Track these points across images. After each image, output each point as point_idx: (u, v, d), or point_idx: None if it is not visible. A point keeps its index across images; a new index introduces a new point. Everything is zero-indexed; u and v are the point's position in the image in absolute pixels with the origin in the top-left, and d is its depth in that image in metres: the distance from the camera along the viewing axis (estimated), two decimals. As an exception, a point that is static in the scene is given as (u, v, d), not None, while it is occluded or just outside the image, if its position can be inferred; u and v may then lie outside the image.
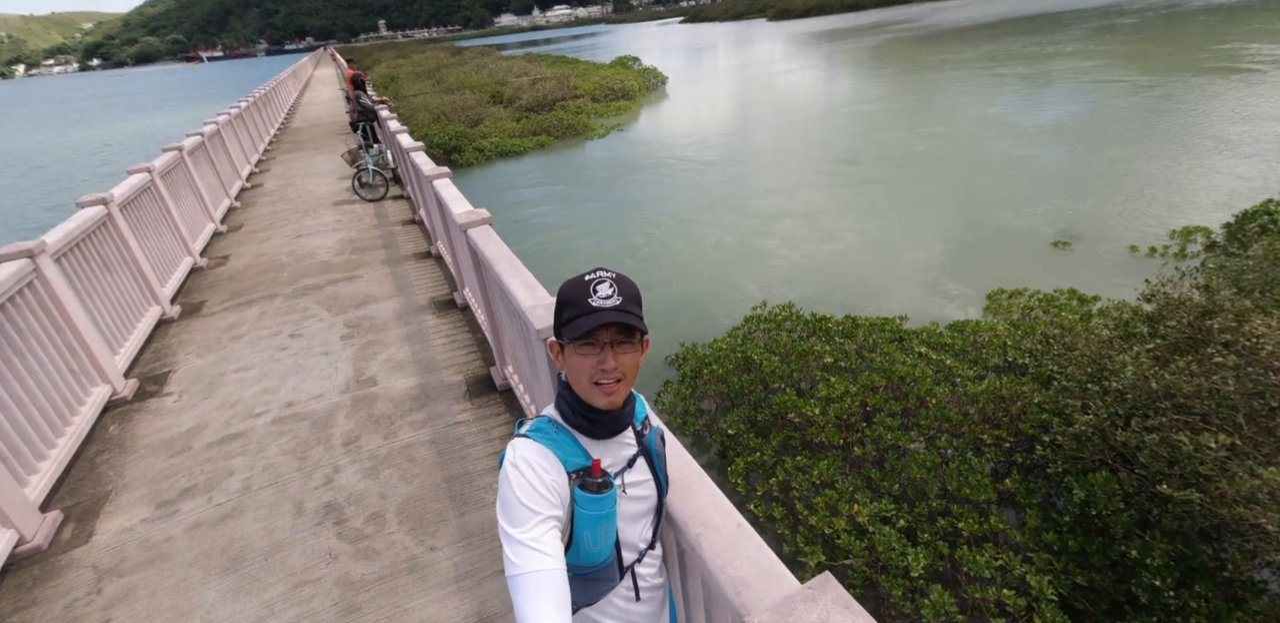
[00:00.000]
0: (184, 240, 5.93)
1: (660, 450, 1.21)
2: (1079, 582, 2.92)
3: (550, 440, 1.05)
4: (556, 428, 1.09)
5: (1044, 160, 11.28)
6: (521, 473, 0.98)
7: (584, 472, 1.04)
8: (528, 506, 0.96)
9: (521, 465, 0.99)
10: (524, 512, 0.95)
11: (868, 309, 6.79)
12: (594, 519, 1.03)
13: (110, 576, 2.44)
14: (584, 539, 1.04)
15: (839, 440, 3.98)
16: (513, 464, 1.00)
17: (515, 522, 0.95)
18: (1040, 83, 18.03)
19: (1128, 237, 7.86)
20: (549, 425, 1.09)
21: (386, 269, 5.42)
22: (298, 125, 15.91)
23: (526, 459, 1.00)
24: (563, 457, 1.03)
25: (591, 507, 1.02)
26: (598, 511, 1.03)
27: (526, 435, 1.06)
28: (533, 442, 1.04)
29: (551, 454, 1.03)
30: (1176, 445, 2.76)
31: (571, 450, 1.06)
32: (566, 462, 1.03)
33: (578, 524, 1.03)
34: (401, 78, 27.47)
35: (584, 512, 1.02)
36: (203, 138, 7.53)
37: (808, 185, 11.43)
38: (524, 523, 0.95)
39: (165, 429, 3.41)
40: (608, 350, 1.03)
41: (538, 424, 1.09)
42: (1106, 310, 4.90)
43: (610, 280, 1.03)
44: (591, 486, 1.02)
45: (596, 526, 1.04)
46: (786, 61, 31.12)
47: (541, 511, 0.96)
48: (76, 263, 3.88)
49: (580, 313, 1.02)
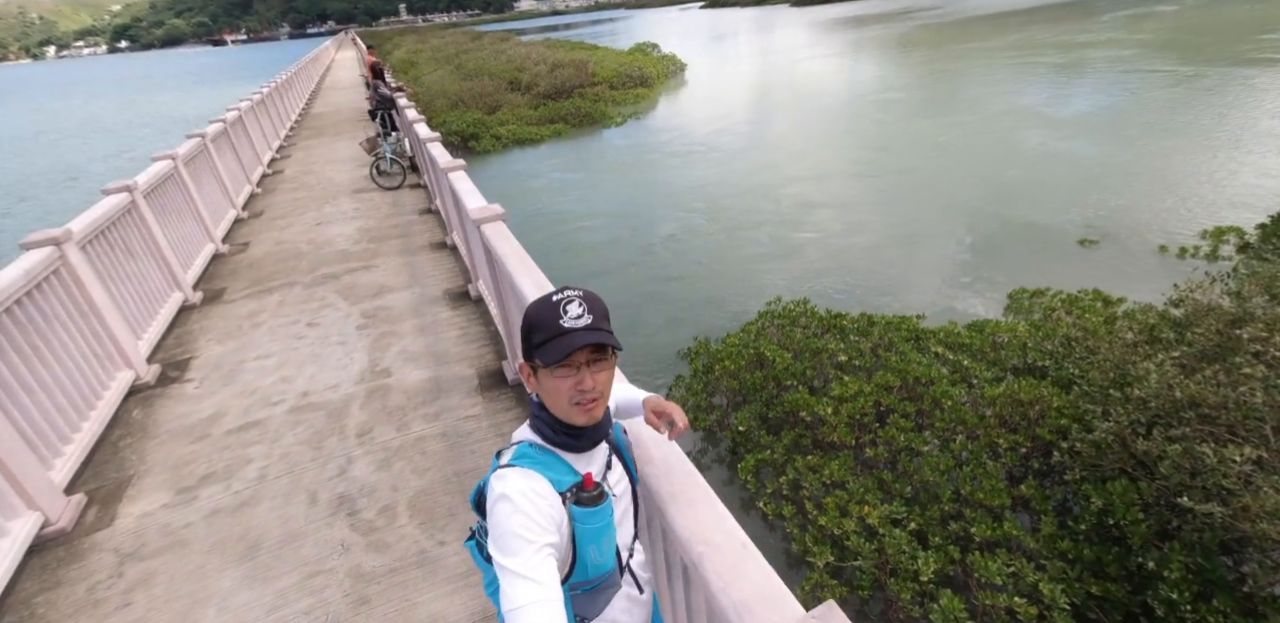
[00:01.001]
0: (206, 227, 6.01)
1: (626, 442, 1.23)
2: (1093, 592, 2.88)
3: (538, 464, 1.04)
4: (540, 451, 1.07)
5: (1074, 153, 10.98)
6: (514, 504, 0.96)
7: (577, 488, 1.03)
8: (522, 535, 0.94)
9: (514, 496, 0.97)
10: (518, 541, 0.93)
11: (886, 304, 6.71)
12: (596, 532, 1.03)
13: (131, 560, 2.50)
14: (589, 554, 1.04)
15: (851, 440, 3.95)
16: (503, 497, 0.98)
17: (510, 552, 0.93)
18: (1072, 72, 17.49)
19: (1157, 235, 7.64)
20: (532, 450, 1.07)
21: (402, 259, 5.45)
22: (319, 111, 16.00)
23: (518, 489, 0.98)
24: (553, 478, 1.02)
25: (591, 520, 1.02)
26: (598, 523, 1.03)
27: (511, 465, 1.04)
28: (520, 470, 1.02)
29: (542, 479, 1.01)
30: (1200, 457, 2.69)
31: (560, 470, 1.05)
32: (558, 483, 1.02)
33: (580, 541, 1.03)
34: (421, 63, 27.46)
35: (584, 527, 1.02)
36: (225, 124, 7.59)
37: (831, 176, 11.26)
38: (519, 553, 0.93)
39: (186, 415, 3.48)
40: (584, 371, 1.02)
41: (521, 451, 1.07)
42: (1131, 313, 4.78)
43: (579, 299, 1.02)
44: (588, 500, 1.02)
45: (599, 537, 1.04)
46: (810, 48, 30.53)
47: (536, 539, 0.94)
48: (101, 250, 3.95)
49: (553, 335, 1.00)
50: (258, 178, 8.72)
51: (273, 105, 11.62)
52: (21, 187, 18.19)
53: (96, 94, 41.52)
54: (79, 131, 27.64)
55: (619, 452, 1.19)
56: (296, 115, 14.72)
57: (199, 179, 6.22)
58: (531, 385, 1.08)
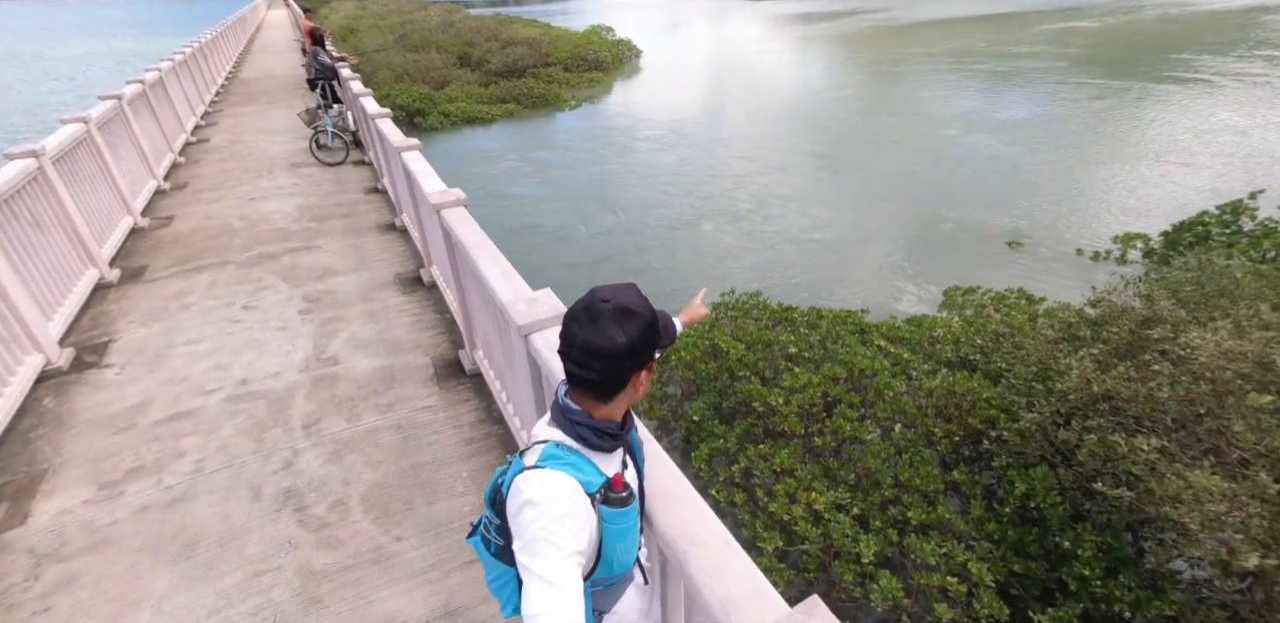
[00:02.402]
0: (124, 198, 5.52)
1: (639, 440, 1.25)
2: (1015, 569, 3.12)
3: (567, 466, 1.02)
4: (567, 451, 1.06)
5: (1008, 158, 11.62)
6: (545, 508, 0.95)
7: (606, 489, 1.03)
8: (553, 541, 0.93)
9: (545, 500, 0.96)
10: (548, 547, 0.93)
11: (833, 296, 6.95)
12: (623, 532, 1.04)
13: (49, 560, 2.32)
14: (615, 552, 1.05)
15: (801, 430, 4.10)
16: (532, 501, 0.96)
17: (539, 555, 0.93)
18: (1008, 81, 18.43)
19: (1076, 239, 8.23)
20: (559, 450, 1.05)
21: (348, 241, 5.19)
22: (249, 75, 14.88)
23: (550, 494, 0.97)
24: (584, 480, 1.02)
25: (619, 520, 1.03)
26: (625, 523, 1.04)
27: (540, 466, 1.02)
28: (549, 471, 1.00)
29: (574, 482, 1.00)
30: (1112, 446, 2.94)
31: (589, 471, 1.05)
32: (588, 484, 1.02)
33: (607, 540, 1.03)
34: (362, 31, 25.92)
35: (613, 527, 1.03)
36: (144, 86, 6.96)
37: (782, 170, 11.47)
38: (548, 557, 0.92)
39: (107, 404, 3.22)
40: None
41: (549, 452, 1.05)
42: (1052, 312, 5.15)
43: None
44: (617, 501, 1.02)
45: (625, 537, 1.05)
46: (762, 42, 30.80)
47: (565, 546, 0.93)
48: (4, 220, 3.57)
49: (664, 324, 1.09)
50: (180, 146, 8.06)
51: (197, 67, 10.72)
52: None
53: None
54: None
55: (631, 450, 1.20)
56: (224, 79, 13.65)
57: (115, 145, 5.69)
58: (638, 389, 1.06)
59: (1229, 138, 11.81)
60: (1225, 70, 17.31)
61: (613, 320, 0.98)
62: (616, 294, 1.01)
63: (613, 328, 0.97)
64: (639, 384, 1.05)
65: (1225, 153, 11.09)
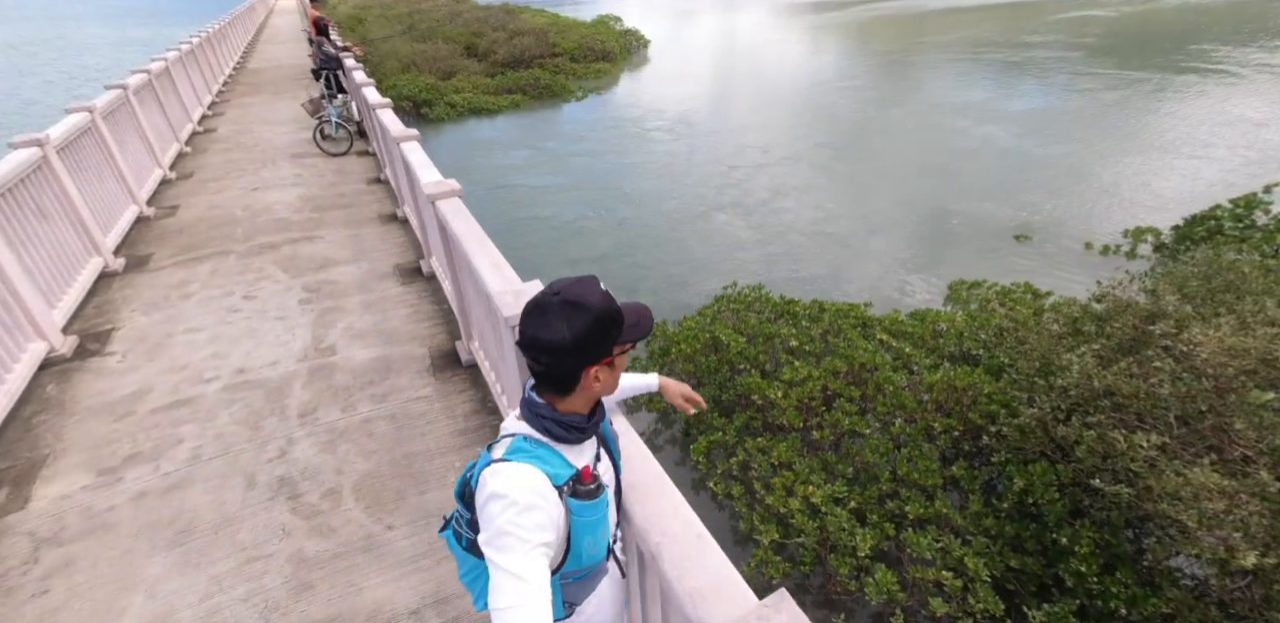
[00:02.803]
0: (129, 187, 5.56)
1: (613, 433, 1.24)
2: (1012, 565, 3.11)
3: (535, 458, 1.02)
4: (535, 444, 1.05)
5: (1019, 149, 11.46)
6: (511, 501, 0.94)
7: (574, 481, 1.03)
8: (517, 535, 0.92)
9: (511, 493, 0.95)
10: (513, 541, 0.92)
11: (836, 289, 6.90)
12: (592, 524, 1.04)
13: (48, 544, 2.35)
14: (585, 545, 1.05)
15: (799, 423, 4.08)
16: (498, 494, 0.95)
17: (504, 549, 0.92)
18: (1020, 71, 18.12)
19: (1084, 233, 8.12)
20: (526, 443, 1.05)
21: (349, 231, 5.20)
22: (256, 65, 14.90)
23: (515, 486, 0.96)
24: (551, 472, 1.01)
25: (588, 513, 1.02)
26: (594, 515, 1.03)
27: (508, 459, 1.01)
28: (517, 465, 0.99)
29: (540, 474, 0.99)
30: (1112, 443, 2.91)
31: (556, 464, 1.04)
32: (556, 476, 1.02)
33: (576, 533, 1.03)
34: (369, 21, 25.85)
35: (581, 519, 1.02)
36: (150, 76, 6.98)
37: (790, 161, 11.37)
38: (513, 551, 0.92)
39: (108, 391, 3.26)
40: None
41: (516, 445, 1.04)
42: (1058, 306, 5.08)
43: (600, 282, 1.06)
44: (585, 493, 1.02)
45: (595, 529, 1.05)
46: (771, 32, 30.45)
47: (532, 538, 0.93)
48: (8, 209, 3.60)
49: (625, 319, 1.04)
50: (186, 136, 8.09)
51: (204, 57, 10.74)
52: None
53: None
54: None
55: (605, 443, 1.19)
56: (231, 69, 13.67)
57: (120, 135, 5.71)
58: (599, 385, 1.04)
59: (1246, 130, 11.57)
60: (1246, 61, 16.92)
61: (559, 314, 0.96)
62: (570, 287, 0.99)
63: (557, 321, 0.96)
64: (593, 379, 1.03)
65: (1242, 146, 10.86)
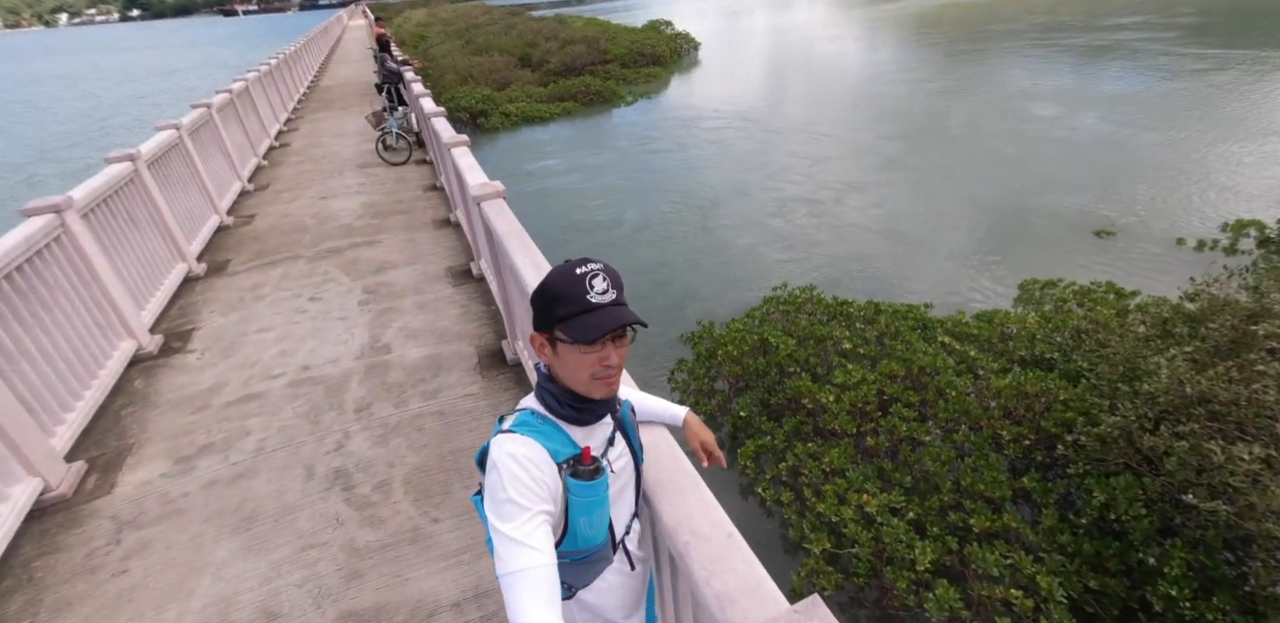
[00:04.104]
0: (211, 198, 5.98)
1: (633, 421, 1.22)
2: (1091, 586, 2.86)
3: (538, 433, 1.03)
4: (541, 420, 1.06)
5: (1098, 140, 10.71)
6: (510, 469, 0.96)
7: (574, 460, 1.03)
8: (517, 502, 0.94)
9: (509, 461, 0.97)
10: (513, 508, 0.94)
11: (896, 291, 6.62)
12: (589, 505, 1.03)
13: (129, 527, 2.52)
14: (580, 526, 1.04)
15: (852, 429, 3.92)
16: (500, 462, 0.97)
17: (505, 518, 0.93)
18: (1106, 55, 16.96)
19: (1176, 228, 7.47)
20: (533, 418, 1.06)
21: (406, 235, 5.40)
22: (327, 83, 15.81)
23: (513, 455, 0.98)
24: (552, 448, 1.01)
25: (585, 493, 1.02)
26: (591, 497, 1.02)
27: (512, 431, 1.03)
28: (519, 436, 1.01)
29: (540, 448, 1.00)
30: (1207, 454, 2.63)
31: (560, 441, 1.04)
32: (556, 453, 1.02)
33: (573, 512, 1.03)
34: (431, 37, 27.03)
35: (578, 500, 1.02)
36: (231, 95, 7.50)
37: (846, 158, 11.05)
38: (514, 518, 0.93)
39: (187, 386, 3.49)
40: (609, 346, 1.02)
41: (521, 418, 1.06)
42: (1145, 306, 4.68)
43: (602, 273, 1.00)
44: (583, 473, 1.01)
45: (592, 511, 1.04)
46: (826, 27, 29.78)
47: (531, 506, 0.94)
48: (103, 219, 3.93)
49: (580, 310, 0.98)
50: (264, 150, 8.65)
51: (281, 77, 11.48)
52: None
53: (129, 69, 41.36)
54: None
55: (624, 430, 1.18)
56: (305, 87, 14.56)
57: (204, 150, 6.16)
58: (545, 357, 1.06)
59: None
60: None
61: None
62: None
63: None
64: (538, 345, 1.07)
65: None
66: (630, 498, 1.19)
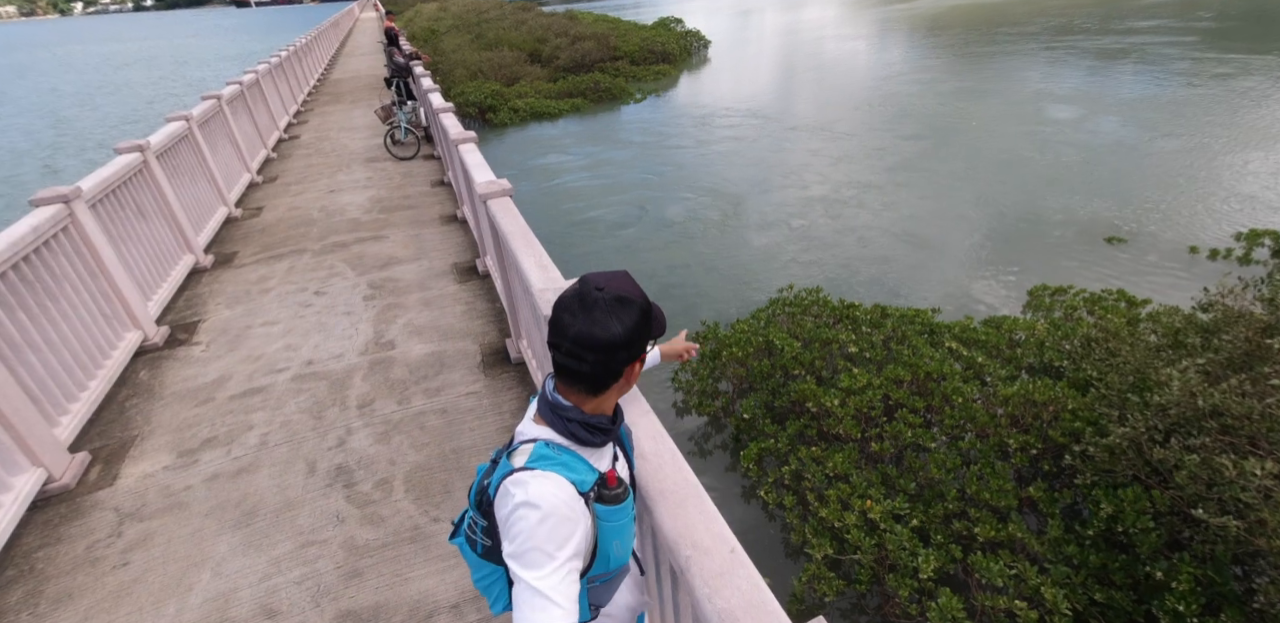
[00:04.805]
0: (220, 190, 5.98)
1: (626, 430, 1.23)
2: (1097, 598, 2.82)
3: (559, 466, 0.97)
4: (558, 450, 1.01)
5: (1111, 146, 10.59)
6: (540, 514, 0.90)
7: (599, 485, 1.00)
8: (545, 550, 0.89)
9: (540, 505, 0.90)
10: (541, 557, 0.88)
11: (905, 294, 6.57)
12: (619, 528, 1.01)
13: (131, 520, 2.52)
14: (612, 548, 1.02)
15: (857, 433, 3.89)
16: (527, 505, 0.90)
17: (531, 565, 0.88)
18: (1122, 59, 16.77)
19: (1189, 235, 7.38)
20: (549, 450, 1.00)
21: (412, 231, 5.39)
22: (338, 77, 15.82)
23: (544, 497, 0.91)
24: (576, 480, 0.97)
25: (615, 518, 0.99)
26: (621, 519, 1.00)
27: (531, 467, 0.96)
28: (542, 474, 0.94)
29: (567, 484, 0.95)
30: (1218, 468, 2.59)
31: (581, 470, 1.00)
32: (581, 483, 0.98)
33: (604, 538, 1.00)
34: (442, 32, 26.99)
35: (609, 524, 0.99)
36: (241, 87, 7.51)
37: (860, 159, 10.97)
38: (540, 567, 0.88)
39: (192, 378, 3.49)
40: None
41: (539, 452, 0.99)
42: (1156, 315, 4.62)
43: None
44: (611, 498, 0.99)
45: (623, 533, 1.02)
46: (838, 27, 29.58)
47: (560, 555, 0.89)
48: (111, 210, 3.93)
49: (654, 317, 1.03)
50: (274, 143, 8.66)
51: (291, 70, 11.48)
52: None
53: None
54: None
55: (620, 442, 1.18)
56: (315, 80, 14.56)
57: (213, 141, 6.16)
58: (632, 380, 1.05)
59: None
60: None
61: (609, 310, 0.92)
62: (611, 282, 0.96)
63: (608, 318, 0.92)
64: (632, 376, 1.02)
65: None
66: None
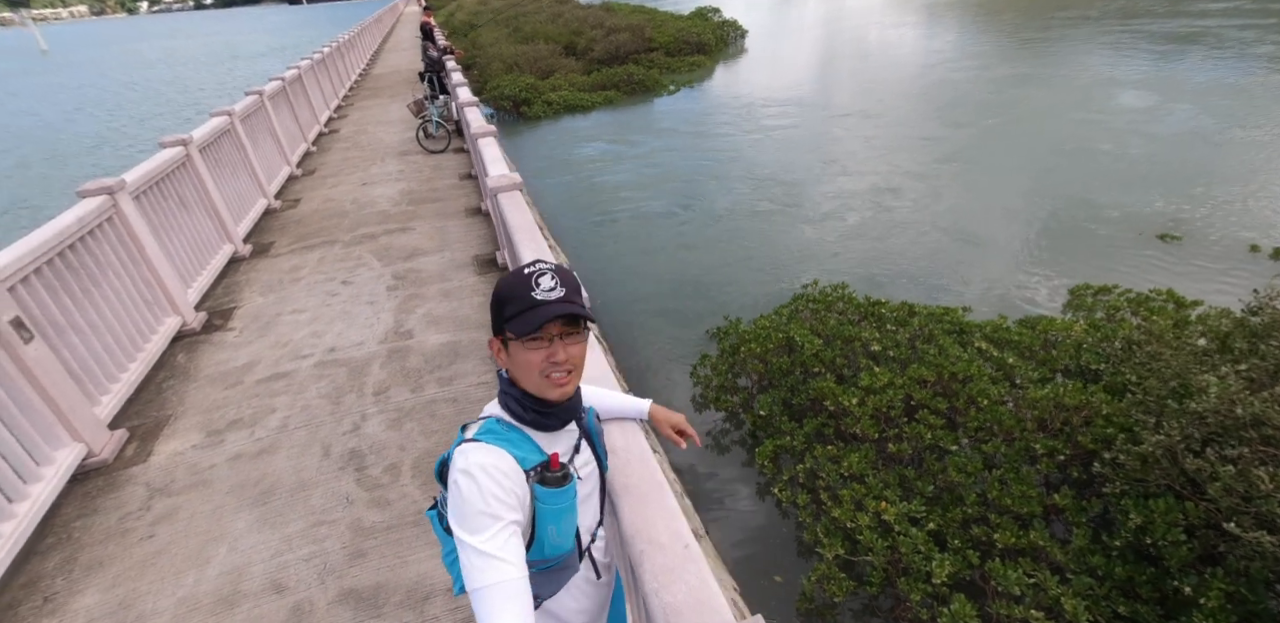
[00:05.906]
0: (260, 182, 6.21)
1: (598, 428, 1.22)
2: (1120, 612, 2.70)
3: (504, 441, 1.01)
4: (507, 427, 1.05)
5: (1181, 135, 9.99)
6: (476, 479, 0.93)
7: (542, 467, 1.01)
8: (486, 512, 0.92)
9: (476, 471, 0.94)
10: (483, 519, 0.91)
11: (939, 290, 6.37)
12: (557, 513, 1.02)
13: (160, 495, 2.66)
14: (548, 534, 1.03)
15: (875, 434, 3.81)
16: (465, 472, 0.94)
17: (474, 530, 0.91)
18: (1194, 44, 15.76)
19: (1253, 234, 6.92)
20: (499, 426, 1.05)
21: (438, 223, 5.50)
22: (379, 72, 16.19)
23: (482, 465, 0.95)
24: (519, 456, 1.00)
25: (554, 501, 1.00)
26: (560, 504, 1.01)
27: (476, 439, 1.01)
28: (485, 445, 0.99)
29: (507, 456, 0.98)
30: (1255, 481, 2.44)
31: (525, 448, 1.03)
32: (524, 460, 1.00)
33: (540, 520, 1.02)
34: (482, 25, 27.32)
35: (546, 507, 1.00)
36: (284, 83, 7.76)
37: (903, 150, 10.65)
38: (484, 531, 0.91)
39: (224, 362, 3.65)
40: (557, 343, 1.01)
41: (487, 426, 1.05)
42: (1205, 318, 4.35)
43: (551, 272, 1.00)
44: (552, 480, 1.00)
45: (560, 519, 1.03)
46: (883, 13, 28.67)
47: (503, 516, 0.92)
48: (155, 201, 4.13)
49: (524, 308, 0.98)
50: (314, 136, 8.93)
51: (333, 66, 11.81)
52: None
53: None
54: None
55: (589, 436, 1.17)
56: (357, 75, 14.94)
57: (255, 136, 6.39)
58: (502, 361, 1.06)
59: None
60: None
61: (511, 273, 1.07)
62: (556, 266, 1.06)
63: (502, 277, 1.08)
64: (495, 350, 1.07)
65: None
66: (595, 506, 1.18)
